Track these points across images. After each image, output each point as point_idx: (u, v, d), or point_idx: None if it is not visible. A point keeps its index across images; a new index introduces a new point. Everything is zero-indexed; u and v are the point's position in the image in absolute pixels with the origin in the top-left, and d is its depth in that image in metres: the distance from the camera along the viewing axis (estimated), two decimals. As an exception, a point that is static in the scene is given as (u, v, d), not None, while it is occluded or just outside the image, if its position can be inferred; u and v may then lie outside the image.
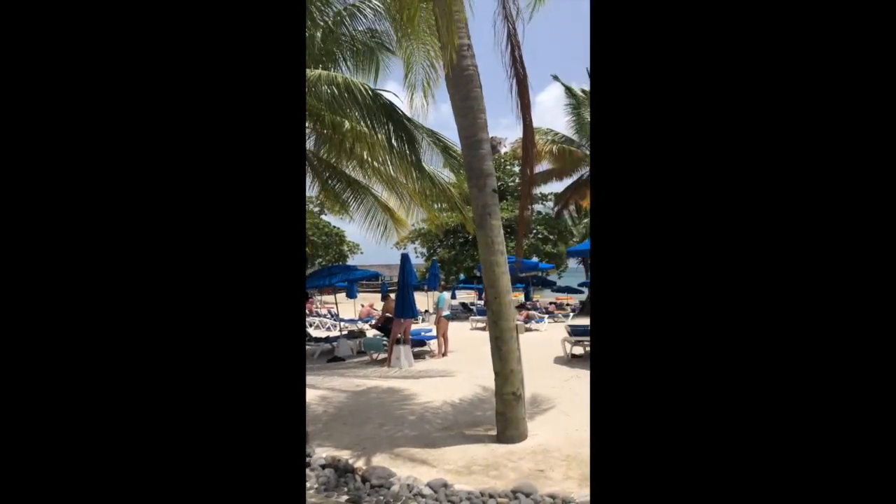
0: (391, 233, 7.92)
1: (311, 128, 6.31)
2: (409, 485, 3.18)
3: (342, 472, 3.45)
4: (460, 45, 3.83)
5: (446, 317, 8.53)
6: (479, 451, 3.79)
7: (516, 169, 21.25)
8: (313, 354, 8.64)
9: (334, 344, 8.81)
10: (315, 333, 11.44)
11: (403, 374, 7.02)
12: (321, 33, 6.32)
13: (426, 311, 14.69)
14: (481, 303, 14.30)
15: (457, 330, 11.02)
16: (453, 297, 17.19)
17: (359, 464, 3.61)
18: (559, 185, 18.99)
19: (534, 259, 18.33)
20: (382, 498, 3.10)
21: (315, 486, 3.30)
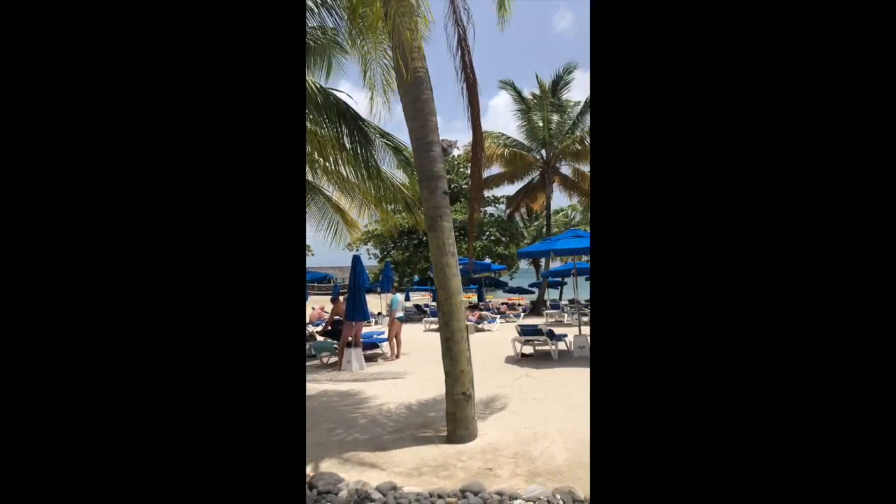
0: (343, 234, 7.78)
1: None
2: (357, 490, 3.14)
3: (288, 479, 3.35)
4: (411, 47, 3.83)
5: (399, 319, 8.48)
6: (429, 453, 3.80)
7: (469, 171, 21.48)
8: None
9: (283, 348, 8.52)
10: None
11: (355, 378, 6.91)
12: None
13: (379, 314, 14.54)
14: (435, 304, 14.33)
15: (410, 332, 10.99)
16: (407, 298, 17.14)
17: (306, 470, 3.52)
18: (511, 189, 19.42)
19: (486, 260, 18.60)
20: (330, 504, 3.04)
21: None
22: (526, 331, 7.95)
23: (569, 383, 6.01)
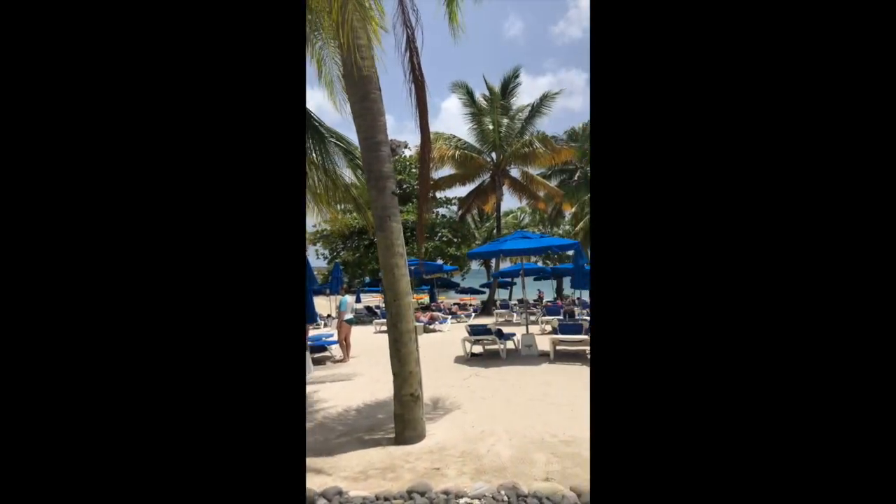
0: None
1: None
2: (301, 496, 3.06)
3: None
4: (359, 45, 3.79)
5: (349, 321, 8.34)
6: (376, 455, 3.76)
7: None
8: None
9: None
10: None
11: (301, 382, 6.72)
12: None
13: (328, 316, 14.23)
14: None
15: (360, 334, 10.83)
16: (358, 300, 16.87)
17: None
18: (463, 190, 19.62)
19: (438, 261, 18.68)
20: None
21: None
22: (475, 331, 8.05)
23: (516, 381, 6.15)
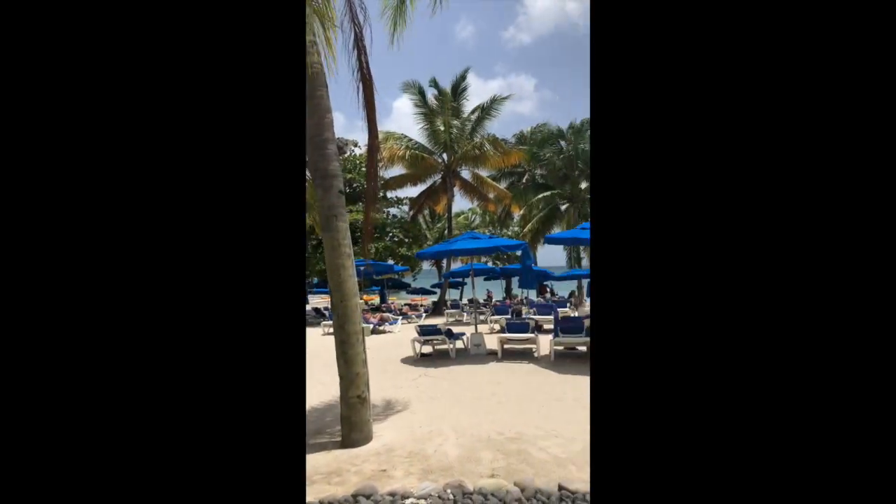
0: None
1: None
2: (241, 506, 2.95)
3: None
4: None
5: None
6: (322, 459, 3.69)
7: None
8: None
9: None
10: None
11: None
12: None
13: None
14: (335, 307, 13.93)
15: (308, 336, 10.55)
16: (305, 301, 16.44)
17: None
18: (415, 190, 19.59)
19: (389, 262, 18.54)
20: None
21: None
22: (425, 331, 8.07)
23: (464, 380, 6.22)
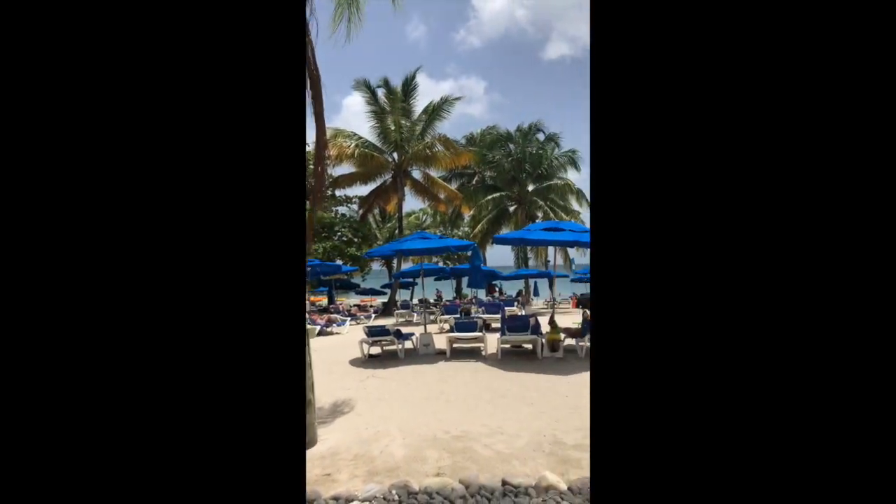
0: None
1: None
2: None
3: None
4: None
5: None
6: (263, 466, 3.58)
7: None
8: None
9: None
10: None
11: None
12: None
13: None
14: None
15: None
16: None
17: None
18: (364, 189, 19.33)
19: (337, 262, 18.20)
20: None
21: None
22: (373, 332, 8.00)
23: (412, 380, 6.23)
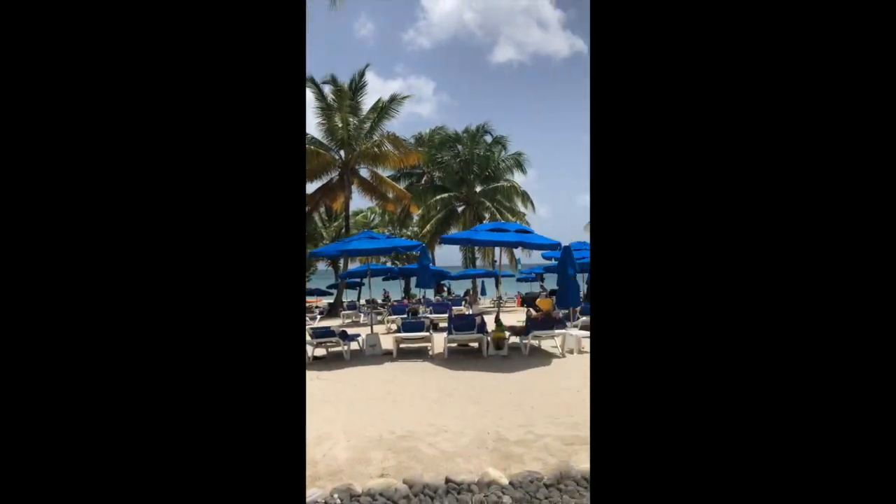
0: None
1: None
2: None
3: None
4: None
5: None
6: (196, 477, 3.37)
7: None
8: None
9: None
10: None
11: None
12: None
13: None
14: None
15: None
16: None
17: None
18: (310, 187, 18.79)
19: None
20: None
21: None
22: (318, 333, 7.80)
23: (358, 381, 6.12)
